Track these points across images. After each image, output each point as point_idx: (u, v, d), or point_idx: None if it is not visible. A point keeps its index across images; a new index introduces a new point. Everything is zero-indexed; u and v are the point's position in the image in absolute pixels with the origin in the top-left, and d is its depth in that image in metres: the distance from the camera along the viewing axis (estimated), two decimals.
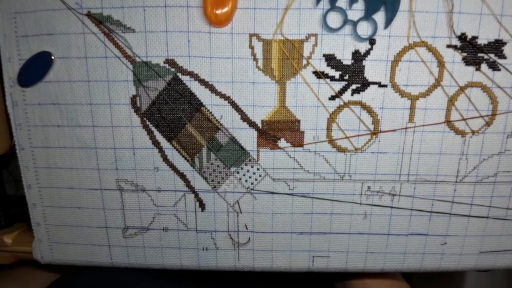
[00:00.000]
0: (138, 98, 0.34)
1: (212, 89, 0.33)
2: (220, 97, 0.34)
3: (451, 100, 0.33)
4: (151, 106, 0.34)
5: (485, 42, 0.32)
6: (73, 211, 0.37)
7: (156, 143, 0.35)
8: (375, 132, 0.34)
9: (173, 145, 0.35)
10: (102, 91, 0.34)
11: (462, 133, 0.34)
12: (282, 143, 0.35)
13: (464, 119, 0.34)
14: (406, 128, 0.34)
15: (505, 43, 0.32)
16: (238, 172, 0.35)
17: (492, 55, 0.32)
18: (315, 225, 0.37)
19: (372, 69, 0.33)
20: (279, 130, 0.34)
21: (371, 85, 0.33)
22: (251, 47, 0.32)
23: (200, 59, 0.33)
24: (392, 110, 0.33)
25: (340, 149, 0.34)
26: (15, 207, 0.42)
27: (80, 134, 0.35)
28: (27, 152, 0.36)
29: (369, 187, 0.35)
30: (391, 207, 0.36)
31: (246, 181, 0.36)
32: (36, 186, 0.37)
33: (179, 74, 0.33)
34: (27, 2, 0.32)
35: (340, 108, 0.34)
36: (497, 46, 0.32)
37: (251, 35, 0.32)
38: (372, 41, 0.32)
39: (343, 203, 0.36)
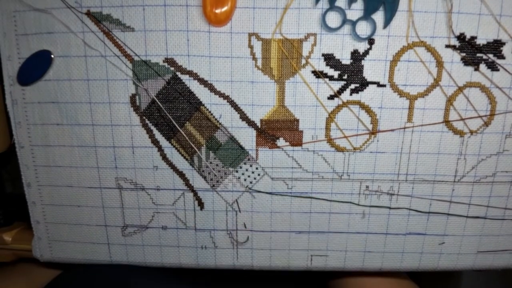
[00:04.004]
0: (137, 97, 0.34)
1: (211, 88, 0.33)
2: (219, 96, 0.34)
3: (450, 100, 0.33)
4: (151, 105, 0.34)
5: (484, 42, 0.32)
6: (72, 209, 0.38)
7: (155, 142, 0.35)
8: (373, 132, 0.34)
9: (172, 144, 0.35)
10: (102, 90, 0.34)
11: (460, 133, 0.34)
12: (281, 142, 0.35)
13: (462, 119, 0.34)
14: (404, 128, 0.34)
15: (504, 44, 0.32)
16: (237, 171, 0.36)
17: (491, 55, 0.32)
18: (314, 224, 0.37)
19: (371, 69, 0.33)
20: (278, 129, 0.34)
21: (369, 85, 0.33)
22: (250, 47, 0.32)
23: (200, 58, 0.33)
24: (391, 110, 0.33)
25: (339, 149, 0.35)
26: (13, 206, 0.42)
27: (80, 133, 0.35)
28: (26, 150, 0.36)
29: (367, 187, 0.36)
30: (389, 208, 0.36)
31: (245, 180, 0.36)
32: (36, 184, 0.37)
33: (179, 73, 0.33)
34: (26, 1, 0.32)
35: (339, 107, 0.34)
36: (496, 46, 0.32)
37: (250, 35, 0.32)
38: (371, 41, 0.32)
39: (342, 202, 0.36)
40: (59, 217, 0.38)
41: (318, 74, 0.33)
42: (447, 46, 0.32)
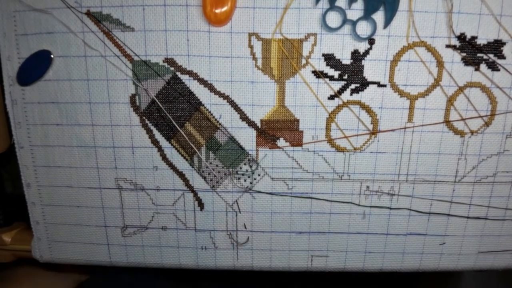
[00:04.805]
0: (137, 97, 0.34)
1: (211, 88, 0.33)
2: (219, 96, 0.34)
3: (450, 100, 0.33)
4: (150, 105, 0.34)
5: (485, 42, 0.32)
6: (72, 210, 0.37)
7: (155, 142, 0.35)
8: (374, 132, 0.34)
9: (172, 144, 0.35)
10: (101, 90, 0.34)
11: (461, 133, 0.34)
12: (281, 142, 0.35)
13: (463, 119, 0.34)
14: (405, 128, 0.34)
15: (504, 43, 0.32)
16: (237, 172, 0.35)
17: (491, 55, 0.32)
18: (314, 224, 0.37)
19: (371, 69, 0.33)
20: (278, 129, 0.34)
21: (370, 85, 0.33)
22: (250, 46, 0.32)
23: (199, 58, 0.33)
24: (391, 110, 0.33)
25: (339, 149, 0.34)
26: (13, 206, 0.42)
27: (79, 133, 0.35)
28: (26, 150, 0.36)
29: (368, 187, 0.35)
30: (390, 208, 0.36)
31: (245, 180, 0.36)
32: (35, 185, 0.37)
33: (178, 73, 0.33)
34: (26, 1, 0.32)
35: (339, 107, 0.34)
36: (496, 46, 0.32)
37: (250, 34, 0.32)
38: (371, 41, 0.32)
39: (342, 202, 0.36)
40: (58, 217, 0.38)
41: (318, 74, 0.33)
42: (448, 46, 0.32)
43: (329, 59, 0.32)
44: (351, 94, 0.33)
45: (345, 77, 0.33)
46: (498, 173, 0.35)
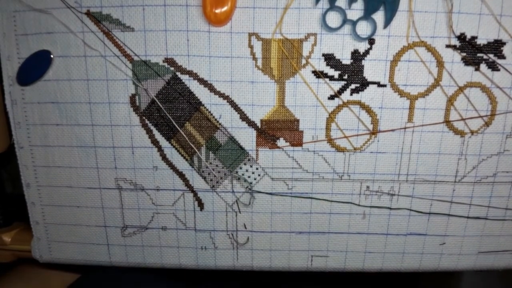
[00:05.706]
0: (137, 97, 0.34)
1: (211, 88, 0.33)
2: (219, 97, 0.34)
3: (450, 100, 0.33)
4: (150, 105, 0.34)
5: (485, 42, 0.32)
6: (72, 210, 0.37)
7: (155, 142, 0.35)
8: (374, 132, 0.34)
9: (172, 144, 0.35)
10: (101, 90, 0.34)
11: (461, 133, 0.34)
12: (281, 142, 0.35)
13: (463, 119, 0.34)
14: (405, 128, 0.34)
15: (504, 43, 0.32)
16: (237, 172, 0.35)
17: (491, 55, 0.32)
18: (314, 224, 0.37)
19: (371, 69, 0.33)
20: (278, 129, 0.34)
21: (370, 85, 0.33)
22: (250, 47, 0.32)
23: (199, 58, 0.33)
24: (391, 110, 0.33)
25: (339, 149, 0.34)
26: (13, 206, 0.42)
27: (79, 133, 0.35)
28: (26, 150, 0.36)
29: (368, 187, 0.35)
30: (390, 208, 0.36)
31: (245, 180, 0.36)
32: (35, 185, 0.37)
33: (178, 73, 0.33)
34: (26, 1, 0.32)
35: (339, 107, 0.34)
36: (496, 46, 0.32)
37: (250, 34, 0.32)
38: (371, 41, 0.32)
39: (342, 202, 0.36)
40: (58, 217, 0.38)
41: (318, 74, 0.33)
42: (448, 46, 0.32)
43: (329, 59, 0.32)
44: (351, 94, 0.33)
45: (345, 77, 0.33)
46: (498, 173, 0.35)
